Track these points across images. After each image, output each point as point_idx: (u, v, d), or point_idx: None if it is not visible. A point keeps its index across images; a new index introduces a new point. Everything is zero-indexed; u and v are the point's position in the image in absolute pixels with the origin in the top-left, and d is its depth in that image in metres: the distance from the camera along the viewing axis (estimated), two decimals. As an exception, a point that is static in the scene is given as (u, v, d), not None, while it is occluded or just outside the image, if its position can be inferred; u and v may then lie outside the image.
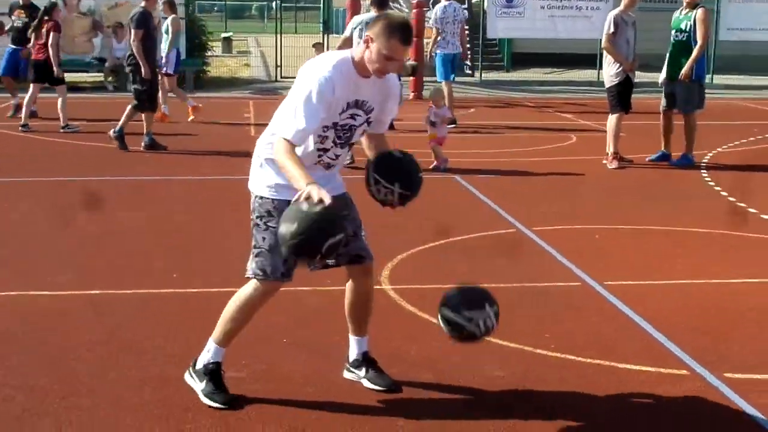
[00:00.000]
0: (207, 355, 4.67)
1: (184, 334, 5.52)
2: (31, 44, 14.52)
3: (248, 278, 4.59)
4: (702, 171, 11.62)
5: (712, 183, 10.86)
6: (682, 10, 12.03)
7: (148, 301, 6.30)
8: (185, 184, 10.65)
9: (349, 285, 4.85)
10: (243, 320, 4.64)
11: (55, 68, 14.09)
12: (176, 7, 15.89)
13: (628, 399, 4.79)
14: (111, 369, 5.05)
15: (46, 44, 14.07)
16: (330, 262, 4.62)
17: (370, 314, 4.91)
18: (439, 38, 15.91)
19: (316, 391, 4.83)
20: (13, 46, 16.06)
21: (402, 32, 4.33)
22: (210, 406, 4.57)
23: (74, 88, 21.56)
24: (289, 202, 4.28)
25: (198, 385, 4.66)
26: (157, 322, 5.84)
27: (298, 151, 4.32)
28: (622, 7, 11.89)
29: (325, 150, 4.52)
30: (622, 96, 11.75)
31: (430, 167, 11.31)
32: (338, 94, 4.34)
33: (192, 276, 6.80)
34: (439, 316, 4.45)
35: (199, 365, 4.68)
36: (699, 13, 11.77)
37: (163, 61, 15.17)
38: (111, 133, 12.52)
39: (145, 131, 12.60)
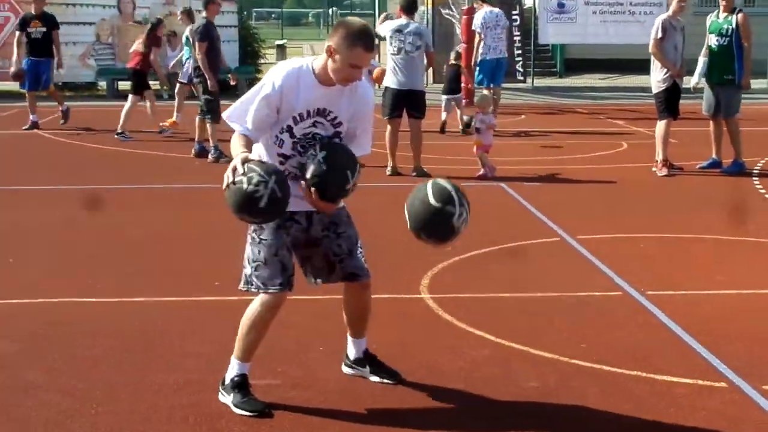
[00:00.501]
0: (232, 371, 4.74)
1: (222, 342, 5.52)
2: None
3: (245, 291, 4.74)
4: (753, 178, 11.46)
5: (763, 191, 10.71)
6: (719, 13, 11.90)
7: (188, 308, 6.36)
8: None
9: (345, 297, 4.92)
10: (257, 335, 4.68)
11: (160, 77, 15.26)
12: (194, 17, 16.02)
13: (663, 410, 4.73)
14: (147, 374, 5.11)
15: (142, 55, 14.80)
16: (319, 281, 4.80)
17: (367, 320, 5.02)
18: (481, 44, 16.03)
19: (349, 399, 4.84)
20: (33, 58, 15.85)
21: (364, 40, 4.34)
22: (242, 416, 4.61)
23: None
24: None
25: (228, 398, 4.71)
26: (196, 329, 5.89)
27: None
28: (670, 12, 11.79)
29: (285, 156, 4.56)
30: (669, 102, 11.64)
31: (476, 176, 11.30)
32: (288, 98, 4.40)
33: (233, 284, 6.80)
34: (432, 183, 4.44)
35: (227, 381, 4.75)
36: (740, 17, 11.67)
37: (185, 69, 15.44)
38: (210, 158, 12.47)
39: (211, 143, 12.58)
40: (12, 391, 4.89)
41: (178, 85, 15.95)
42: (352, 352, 5.10)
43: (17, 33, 15.98)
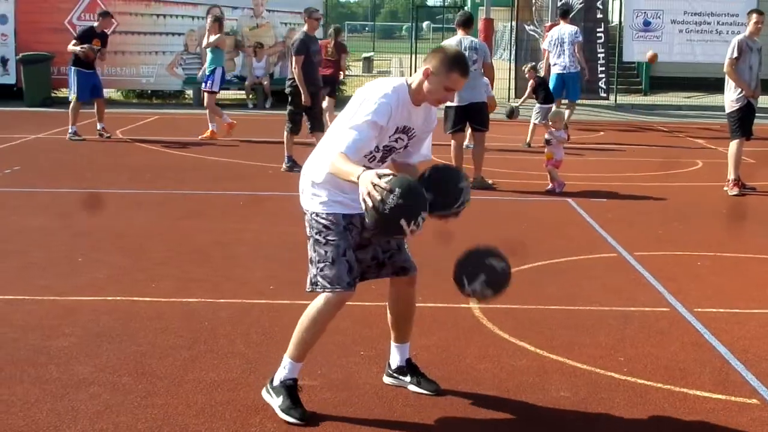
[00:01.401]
0: (284, 371, 4.81)
1: (267, 344, 5.76)
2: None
3: (310, 293, 4.80)
4: (827, 200, 11.30)
5: (834, 213, 10.56)
6: None
7: (240, 310, 6.56)
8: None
9: (391, 295, 5.02)
10: (316, 334, 4.78)
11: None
12: (224, 27, 16.56)
13: (688, 424, 4.77)
14: (190, 371, 5.32)
15: (335, 62, 15.99)
16: (371, 276, 4.88)
17: (412, 322, 5.11)
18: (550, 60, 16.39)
19: (383, 403, 4.97)
20: (84, 70, 15.86)
21: (461, 66, 4.58)
22: (287, 422, 4.69)
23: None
24: (343, 216, 4.61)
25: (275, 401, 4.79)
26: (243, 331, 6.08)
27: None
28: (747, 32, 11.70)
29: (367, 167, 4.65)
30: (742, 122, 11.58)
31: (545, 190, 11.36)
32: (392, 118, 4.54)
33: (287, 288, 7.03)
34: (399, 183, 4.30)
35: (276, 382, 4.82)
36: None
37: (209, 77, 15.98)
38: (284, 167, 12.67)
39: (286, 153, 12.77)
40: (64, 385, 5.13)
41: (206, 95, 16.23)
42: (395, 360, 5.19)
43: (77, 42, 15.87)
